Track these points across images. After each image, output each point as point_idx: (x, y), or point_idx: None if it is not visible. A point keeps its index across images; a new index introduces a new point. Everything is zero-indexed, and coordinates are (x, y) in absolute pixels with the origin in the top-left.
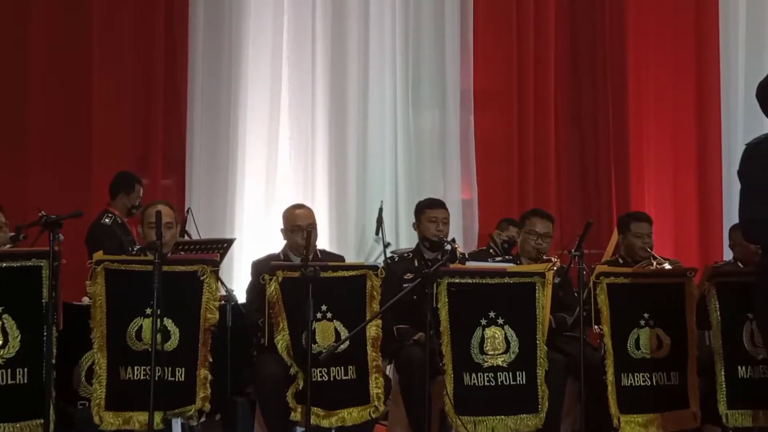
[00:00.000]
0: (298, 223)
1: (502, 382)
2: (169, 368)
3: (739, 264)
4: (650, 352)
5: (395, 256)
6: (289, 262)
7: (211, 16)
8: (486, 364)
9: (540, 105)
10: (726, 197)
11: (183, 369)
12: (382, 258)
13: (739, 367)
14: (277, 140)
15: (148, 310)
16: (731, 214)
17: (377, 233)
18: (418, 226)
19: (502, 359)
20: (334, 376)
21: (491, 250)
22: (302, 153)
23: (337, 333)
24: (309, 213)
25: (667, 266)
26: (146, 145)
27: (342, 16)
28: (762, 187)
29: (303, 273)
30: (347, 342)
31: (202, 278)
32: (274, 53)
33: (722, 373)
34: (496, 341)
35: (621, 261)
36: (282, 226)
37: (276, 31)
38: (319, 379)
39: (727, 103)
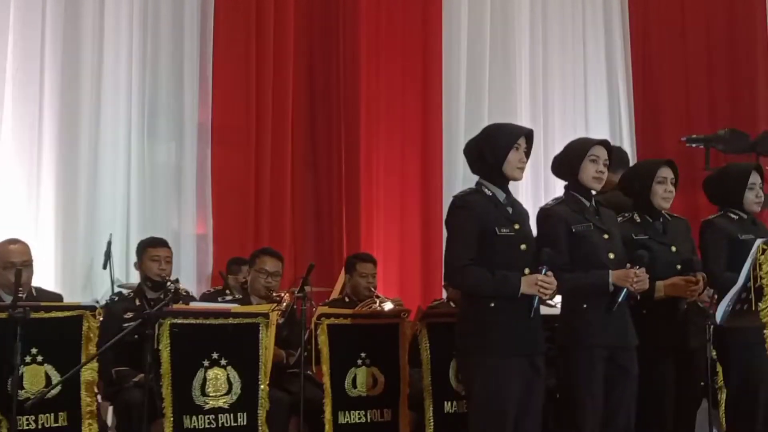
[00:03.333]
0: (12, 260)
1: (223, 423)
2: None
3: (452, 304)
4: (366, 390)
5: (115, 297)
6: None
7: None
8: (207, 406)
9: (277, 143)
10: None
11: None
12: (110, 293)
13: (446, 402)
14: None
15: None
16: None
17: (105, 267)
18: (140, 265)
19: (224, 401)
20: (43, 424)
21: (227, 290)
22: (26, 181)
23: (48, 377)
24: (24, 249)
25: (389, 305)
26: None
27: (74, 40)
28: (462, 236)
29: (11, 314)
30: (59, 387)
31: None
32: None
33: (430, 408)
34: (218, 382)
35: (347, 300)
36: None
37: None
38: (26, 427)
39: (448, 156)
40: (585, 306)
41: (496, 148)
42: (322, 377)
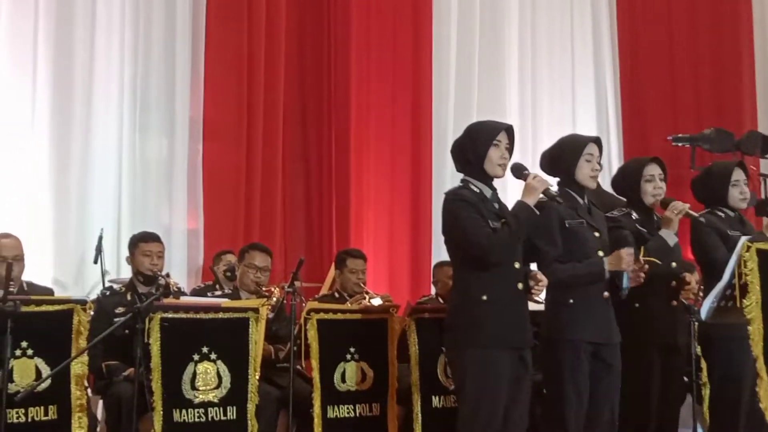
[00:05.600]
0: (3, 254)
1: (212, 417)
2: None
3: (440, 299)
4: (355, 384)
5: (106, 291)
6: None
7: None
8: (197, 400)
9: (268, 139)
10: (435, 238)
11: None
12: (101, 288)
13: (433, 397)
14: None
15: None
16: (439, 253)
17: (96, 262)
18: (132, 259)
19: (214, 395)
20: (33, 417)
21: (217, 285)
22: (20, 175)
23: (39, 371)
24: (15, 243)
25: (378, 301)
26: None
27: (66, 35)
28: (471, 219)
29: (1, 307)
30: (49, 380)
31: None
32: None
33: (418, 403)
34: (208, 376)
35: (337, 295)
36: None
37: None
38: (15, 420)
39: (438, 152)
40: (571, 301)
41: (476, 146)
42: (311, 372)
